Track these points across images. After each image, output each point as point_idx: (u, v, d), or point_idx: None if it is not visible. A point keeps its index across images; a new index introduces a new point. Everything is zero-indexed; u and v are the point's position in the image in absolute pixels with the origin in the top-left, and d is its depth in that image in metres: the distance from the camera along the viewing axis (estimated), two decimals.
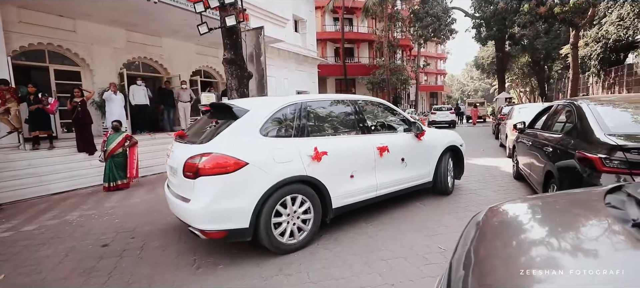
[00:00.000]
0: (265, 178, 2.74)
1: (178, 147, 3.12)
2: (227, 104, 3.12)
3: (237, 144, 2.74)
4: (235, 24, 5.52)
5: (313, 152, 3.02)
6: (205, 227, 2.62)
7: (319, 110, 3.45)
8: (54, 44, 7.44)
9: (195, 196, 2.67)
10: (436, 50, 46.25)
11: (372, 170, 3.53)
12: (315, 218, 3.08)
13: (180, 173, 2.76)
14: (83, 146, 6.66)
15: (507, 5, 19.91)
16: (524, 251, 0.96)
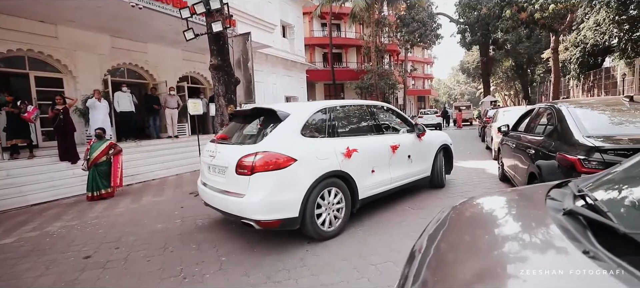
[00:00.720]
0: (310, 172, 3.14)
1: (224, 148, 3.42)
2: (270, 108, 3.45)
3: (284, 143, 3.12)
4: (222, 30, 5.49)
5: (345, 150, 3.49)
6: (262, 217, 2.92)
7: (343, 114, 3.97)
8: (34, 50, 7.23)
9: (251, 190, 2.95)
10: (423, 55, 47.06)
11: (387, 166, 4.04)
12: (346, 209, 3.48)
13: (232, 171, 3.08)
14: (65, 155, 6.47)
15: (490, 11, 20.49)
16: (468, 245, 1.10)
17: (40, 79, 7.62)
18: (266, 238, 3.43)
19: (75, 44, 7.84)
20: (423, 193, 4.92)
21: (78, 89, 7.96)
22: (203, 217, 4.39)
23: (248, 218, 2.98)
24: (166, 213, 4.70)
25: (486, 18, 21.78)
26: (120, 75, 9.31)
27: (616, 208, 0.99)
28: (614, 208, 0.96)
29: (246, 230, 3.72)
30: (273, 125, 3.28)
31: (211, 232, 3.78)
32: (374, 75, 21.03)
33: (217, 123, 6.04)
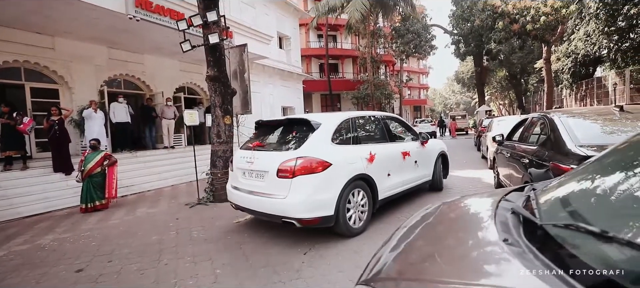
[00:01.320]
0: (342, 175, 3.53)
1: (263, 155, 3.73)
2: (304, 118, 3.86)
3: (320, 149, 3.49)
4: (219, 41, 5.54)
5: (368, 155, 3.92)
6: (303, 216, 3.25)
7: (363, 123, 4.40)
8: (30, 61, 7.22)
9: (292, 192, 3.28)
10: (418, 66, 47.65)
11: (400, 170, 4.49)
12: (369, 208, 3.84)
13: (273, 175, 3.41)
14: (59, 166, 6.40)
15: (483, 22, 20.89)
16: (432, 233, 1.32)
17: (36, 90, 7.59)
18: (262, 250, 3.40)
19: (72, 55, 7.86)
20: (422, 198, 4.94)
21: (74, 99, 7.94)
22: (198, 228, 4.34)
23: (290, 217, 3.28)
24: (161, 225, 4.65)
25: (479, 29, 22.19)
26: (116, 86, 9.31)
27: (545, 206, 1.16)
28: (544, 206, 1.15)
29: (242, 242, 3.69)
30: (307, 133, 3.68)
31: (206, 243, 3.74)
32: (370, 85, 21.22)
33: (214, 133, 6.03)
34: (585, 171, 1.27)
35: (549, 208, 1.14)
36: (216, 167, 5.93)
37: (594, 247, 0.78)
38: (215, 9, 5.60)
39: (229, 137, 6.05)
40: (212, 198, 5.82)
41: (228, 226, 4.37)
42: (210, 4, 5.64)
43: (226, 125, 6.00)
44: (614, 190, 1.02)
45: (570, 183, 1.23)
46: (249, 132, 9.70)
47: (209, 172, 6.09)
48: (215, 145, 6.00)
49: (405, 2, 20.17)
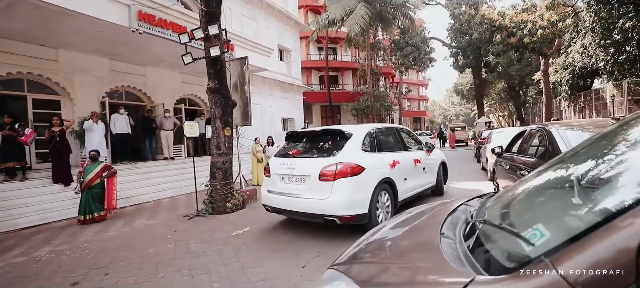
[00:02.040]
0: (373, 178, 4.02)
1: (303, 161, 4.20)
2: (338, 129, 4.39)
3: (355, 156, 4.00)
4: (220, 54, 5.61)
5: (391, 162, 4.49)
6: (343, 213, 3.69)
7: (384, 134, 4.96)
8: (33, 73, 7.30)
9: (334, 193, 3.74)
10: (417, 77, 48.06)
11: (413, 175, 5.05)
12: (391, 209, 4.30)
13: (315, 179, 3.87)
14: (59, 177, 6.39)
15: (481, 35, 21.17)
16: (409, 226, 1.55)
17: (38, 101, 7.65)
18: (260, 263, 3.37)
19: (75, 66, 7.95)
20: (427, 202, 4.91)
21: (75, 111, 7.99)
22: (196, 240, 4.31)
23: (331, 215, 3.72)
24: (159, 237, 4.61)
25: (477, 42, 22.48)
26: (118, 97, 9.38)
27: (488, 207, 1.34)
28: (487, 208, 1.34)
29: (240, 254, 3.66)
30: (341, 142, 4.20)
31: (204, 256, 3.71)
32: (370, 97, 21.36)
33: (213, 145, 6.05)
34: (528, 179, 1.42)
35: (489, 209, 1.33)
36: (215, 179, 5.93)
37: (495, 235, 1.06)
38: (216, 23, 5.70)
39: (228, 148, 6.06)
40: (211, 210, 5.79)
41: (226, 238, 4.33)
42: (212, 18, 5.74)
43: (226, 137, 6.02)
44: (536, 196, 1.24)
45: (513, 189, 1.41)
46: (248, 144, 9.75)
47: (208, 184, 6.08)
48: (214, 156, 6.00)
49: (404, 15, 20.51)
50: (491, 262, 0.92)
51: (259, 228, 4.72)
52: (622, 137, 1.12)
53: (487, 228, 1.11)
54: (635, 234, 0.64)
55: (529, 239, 0.89)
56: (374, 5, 19.22)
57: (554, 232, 0.88)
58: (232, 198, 5.95)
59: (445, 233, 1.20)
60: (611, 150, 1.13)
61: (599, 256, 0.68)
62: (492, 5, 23.58)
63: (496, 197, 1.45)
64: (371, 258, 1.34)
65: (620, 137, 1.11)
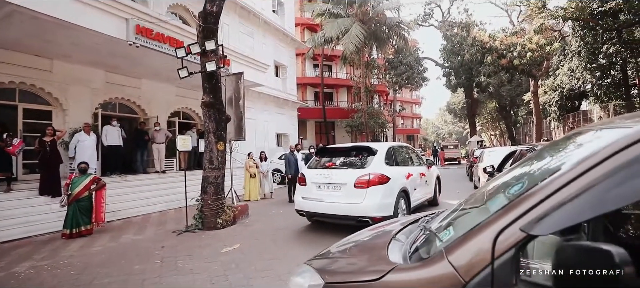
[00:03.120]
0: (396, 187, 4.86)
1: (338, 172, 5.05)
2: (366, 146, 5.31)
3: (381, 167, 4.84)
4: (216, 69, 5.65)
5: (407, 174, 5.41)
6: (375, 214, 4.36)
7: (398, 151, 5.82)
8: (27, 83, 7.24)
9: (367, 198, 4.54)
10: (411, 96, 48.80)
11: (420, 186, 5.95)
12: (407, 213, 5.04)
13: (351, 186, 4.67)
14: (46, 188, 6.24)
15: (472, 57, 21.76)
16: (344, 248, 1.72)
17: (29, 111, 7.55)
18: (249, 282, 3.29)
19: (69, 77, 7.91)
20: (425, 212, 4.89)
21: (67, 121, 7.89)
22: (184, 257, 4.21)
23: (365, 216, 4.41)
24: (146, 253, 4.49)
25: (469, 63, 23.08)
26: (111, 108, 9.32)
27: (435, 218, 1.59)
28: (435, 218, 1.60)
29: (228, 272, 3.58)
30: (368, 156, 5.01)
31: (191, 274, 3.61)
32: (364, 114, 21.56)
33: (206, 159, 5.99)
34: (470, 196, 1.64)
35: (436, 219, 1.56)
36: (207, 193, 5.84)
37: (427, 237, 1.32)
38: (213, 39, 5.77)
39: (221, 163, 6.02)
40: (201, 226, 5.68)
41: (215, 255, 4.24)
42: (209, 33, 5.82)
43: (219, 152, 5.98)
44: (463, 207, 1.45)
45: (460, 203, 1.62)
46: (241, 159, 9.68)
47: (199, 199, 5.98)
48: (207, 171, 5.94)
49: (398, 35, 21.03)
50: (415, 256, 1.20)
51: (249, 246, 4.64)
52: (531, 159, 1.34)
53: (426, 233, 1.37)
54: (492, 232, 0.91)
55: (441, 238, 1.16)
56: (369, 25, 19.70)
57: (454, 233, 1.13)
58: (223, 213, 5.86)
59: (398, 238, 1.51)
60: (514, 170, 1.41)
61: (471, 247, 0.95)
62: (483, 28, 24.36)
63: (448, 210, 1.68)
64: (335, 255, 1.62)
65: (532, 159, 1.29)
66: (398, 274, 1.08)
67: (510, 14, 24.65)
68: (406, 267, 1.12)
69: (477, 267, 0.89)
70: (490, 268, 0.87)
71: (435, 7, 26.62)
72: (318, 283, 1.24)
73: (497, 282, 0.85)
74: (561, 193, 0.83)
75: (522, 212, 0.88)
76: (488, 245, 0.89)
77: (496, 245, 0.88)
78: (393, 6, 20.98)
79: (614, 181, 0.78)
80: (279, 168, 11.98)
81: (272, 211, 7.44)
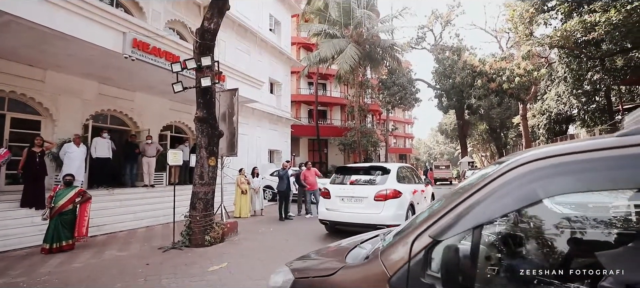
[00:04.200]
0: (406, 201, 5.72)
1: (360, 187, 5.99)
2: (381, 165, 6.50)
3: (395, 184, 5.77)
4: (210, 85, 5.67)
5: (413, 190, 6.27)
6: (391, 223, 4.85)
7: (405, 171, 6.77)
8: (17, 92, 7.14)
9: (385, 209, 5.48)
10: (404, 116, 49.48)
11: (421, 201, 6.58)
12: None
13: (371, 199, 5.63)
14: (29, 200, 6.05)
15: (463, 79, 22.35)
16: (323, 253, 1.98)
17: (17, 121, 7.41)
18: None
19: (62, 88, 7.84)
20: None
21: (56, 132, 7.75)
22: (169, 276, 4.07)
23: (383, 224, 4.97)
24: (129, 270, 4.33)
25: (460, 85, 23.68)
26: (102, 120, 9.21)
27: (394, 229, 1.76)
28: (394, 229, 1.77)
29: None
30: (383, 174, 6.00)
31: None
32: (357, 132, 21.73)
33: (196, 174, 5.91)
34: None
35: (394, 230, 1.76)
36: (196, 210, 5.73)
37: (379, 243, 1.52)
38: (210, 55, 5.82)
39: (211, 178, 5.94)
40: (188, 243, 5.54)
41: (202, 274, 4.11)
42: (205, 50, 5.87)
43: (210, 167, 5.92)
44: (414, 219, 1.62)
45: None
46: (233, 174, 9.58)
47: (187, 214, 5.86)
48: (197, 186, 5.84)
49: (391, 57, 21.56)
50: (365, 257, 1.43)
51: (237, 264, 4.52)
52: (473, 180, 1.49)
53: (381, 240, 1.58)
54: (410, 238, 1.16)
55: (384, 244, 1.39)
56: (363, 46, 20.18)
57: (392, 240, 1.35)
58: (212, 230, 5.73)
59: (363, 246, 1.71)
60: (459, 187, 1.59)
61: (396, 250, 1.21)
62: (474, 52, 25.17)
63: None
64: (309, 257, 1.84)
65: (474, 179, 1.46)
66: (345, 271, 1.38)
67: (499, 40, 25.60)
68: (352, 266, 1.41)
69: (398, 264, 1.16)
70: (407, 265, 1.13)
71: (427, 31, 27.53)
72: (289, 278, 1.52)
73: (411, 276, 1.11)
74: (455, 210, 1.12)
75: (431, 223, 1.15)
76: (407, 248, 1.16)
77: (413, 248, 1.14)
78: (387, 29, 21.61)
79: (487, 202, 1.06)
80: (271, 185, 11.88)
81: (262, 229, 7.31)
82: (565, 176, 0.98)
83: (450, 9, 26.53)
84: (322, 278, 1.42)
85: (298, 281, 1.49)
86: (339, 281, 1.34)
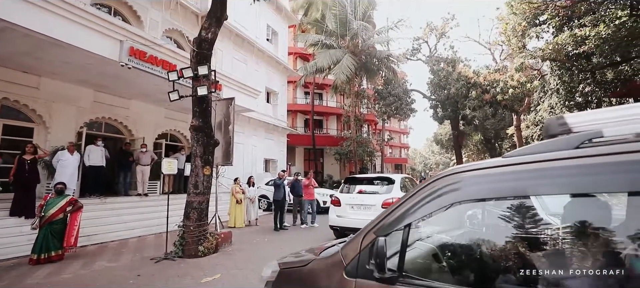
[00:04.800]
0: None
1: (368, 196, 6.46)
2: (387, 176, 6.82)
3: (400, 193, 6.03)
4: (207, 94, 5.67)
5: None
6: None
7: (407, 181, 7.09)
8: (10, 98, 7.08)
9: None
10: (399, 126, 49.78)
11: None
12: None
13: (379, 207, 5.98)
14: (19, 209, 5.94)
15: (458, 91, 22.62)
16: None
17: (9, 127, 7.32)
18: None
19: (56, 95, 7.78)
20: None
21: (49, 139, 7.67)
22: (160, 286, 3.98)
23: None
24: (119, 282, 4.24)
25: (455, 96, 23.93)
26: (97, 128, 9.14)
27: None
28: None
29: None
30: (389, 184, 6.45)
31: None
32: (353, 142, 21.77)
33: (191, 184, 5.85)
34: None
35: None
36: (190, 219, 5.65)
37: None
38: (206, 64, 5.83)
39: (206, 188, 5.88)
40: (181, 253, 5.45)
41: (194, 286, 4.04)
42: (202, 59, 5.89)
43: (205, 176, 5.87)
44: None
45: None
46: (228, 183, 9.50)
47: (181, 224, 5.78)
48: (191, 195, 5.78)
49: (387, 67, 21.80)
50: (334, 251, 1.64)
51: (231, 276, 4.45)
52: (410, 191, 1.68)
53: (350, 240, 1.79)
54: (361, 235, 1.47)
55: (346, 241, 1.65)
56: (359, 57, 20.40)
57: (352, 237, 1.60)
58: (206, 241, 5.65)
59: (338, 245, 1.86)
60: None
61: (351, 244, 1.51)
62: (468, 64, 25.55)
63: None
64: (296, 253, 2.09)
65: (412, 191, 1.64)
66: (315, 262, 1.70)
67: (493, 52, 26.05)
68: (321, 258, 1.70)
69: (351, 255, 1.46)
70: (358, 256, 1.42)
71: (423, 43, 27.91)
72: (276, 269, 1.88)
73: (360, 264, 1.40)
74: (393, 213, 1.42)
75: (376, 223, 1.46)
76: (358, 243, 1.46)
77: (362, 243, 1.43)
78: (383, 40, 21.90)
79: (414, 207, 1.36)
80: (266, 195, 11.81)
81: (256, 239, 7.23)
82: (467, 188, 1.28)
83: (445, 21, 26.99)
84: (299, 268, 1.77)
85: (282, 271, 1.85)
86: (309, 269, 1.69)
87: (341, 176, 24.82)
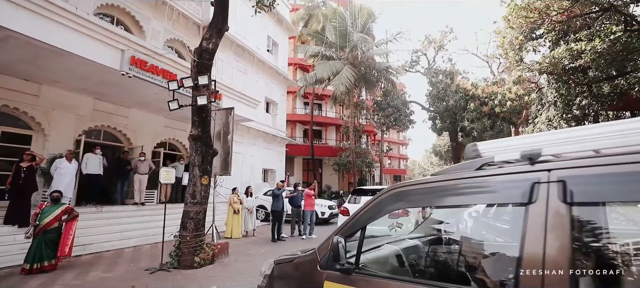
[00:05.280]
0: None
1: None
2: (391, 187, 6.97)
3: None
4: (206, 103, 5.68)
5: None
6: None
7: None
8: (10, 106, 7.08)
9: None
10: (398, 137, 49.92)
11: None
12: None
13: None
14: (14, 217, 5.86)
15: (456, 103, 22.78)
16: None
17: (7, 135, 7.30)
18: None
19: (56, 103, 7.80)
20: None
21: (47, 147, 7.64)
22: None
23: None
24: None
25: (453, 108, 24.08)
26: (95, 136, 9.12)
27: None
28: None
29: None
30: None
31: None
32: (352, 153, 21.77)
33: (188, 193, 5.81)
34: None
35: None
36: (186, 229, 5.59)
37: None
38: (207, 74, 5.86)
39: (203, 198, 5.84)
40: (177, 264, 5.37)
41: None
42: (203, 69, 5.92)
43: (203, 186, 5.84)
44: None
45: None
46: (226, 193, 9.43)
47: (177, 234, 5.71)
48: (188, 205, 5.73)
49: (386, 79, 21.98)
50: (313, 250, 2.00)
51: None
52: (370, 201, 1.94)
53: None
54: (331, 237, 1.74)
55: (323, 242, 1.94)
56: (359, 69, 20.59)
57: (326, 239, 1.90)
58: (202, 251, 5.58)
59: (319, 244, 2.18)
60: None
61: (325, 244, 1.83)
62: (466, 76, 25.82)
63: None
64: (292, 253, 2.29)
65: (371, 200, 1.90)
66: (299, 258, 2.08)
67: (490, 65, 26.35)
68: (304, 255, 2.06)
69: (323, 253, 1.83)
70: (328, 254, 1.73)
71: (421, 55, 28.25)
72: (272, 265, 2.28)
73: (330, 260, 1.70)
74: (354, 219, 1.80)
75: (342, 226, 1.85)
76: (329, 242, 1.72)
77: (331, 243, 1.67)
78: (382, 52, 22.14)
79: (367, 214, 1.76)
80: (264, 205, 11.72)
81: (253, 250, 7.14)
82: (401, 201, 1.76)
83: (443, 34, 27.39)
84: (287, 263, 2.18)
85: (276, 266, 2.26)
86: (295, 263, 2.10)
87: (340, 187, 24.71)
